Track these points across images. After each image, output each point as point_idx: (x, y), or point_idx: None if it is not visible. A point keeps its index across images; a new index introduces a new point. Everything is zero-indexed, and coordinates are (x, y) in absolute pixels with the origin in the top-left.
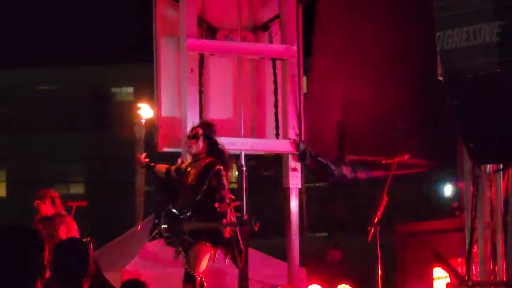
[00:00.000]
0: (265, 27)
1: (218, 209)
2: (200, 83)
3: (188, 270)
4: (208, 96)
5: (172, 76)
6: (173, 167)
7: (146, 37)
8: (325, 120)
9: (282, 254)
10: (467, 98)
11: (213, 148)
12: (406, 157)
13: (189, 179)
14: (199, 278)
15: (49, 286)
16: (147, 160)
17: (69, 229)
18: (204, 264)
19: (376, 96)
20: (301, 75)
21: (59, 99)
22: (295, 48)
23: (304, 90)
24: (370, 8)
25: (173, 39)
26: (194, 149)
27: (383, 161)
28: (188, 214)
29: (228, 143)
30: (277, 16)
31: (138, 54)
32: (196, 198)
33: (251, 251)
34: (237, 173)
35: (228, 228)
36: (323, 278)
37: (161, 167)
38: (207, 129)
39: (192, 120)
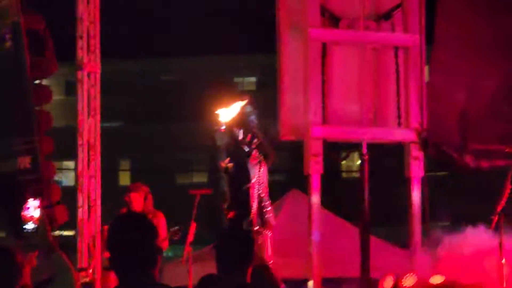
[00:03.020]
0: (387, 15)
1: None
2: (323, 73)
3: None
4: (330, 86)
5: (295, 65)
6: None
7: (269, 26)
8: (447, 108)
9: (404, 243)
10: None
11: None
12: None
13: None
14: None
15: None
16: (229, 165)
17: (158, 225)
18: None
19: (500, 84)
20: (424, 64)
21: (181, 89)
22: (418, 37)
23: (426, 78)
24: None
25: (296, 29)
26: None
27: (507, 150)
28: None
29: (350, 132)
30: (399, 5)
31: (260, 44)
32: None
33: (373, 239)
34: (359, 162)
35: None
36: None
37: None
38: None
39: (314, 110)
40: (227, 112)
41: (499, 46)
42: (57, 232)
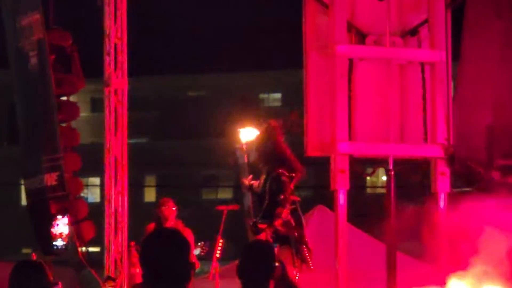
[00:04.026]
0: (414, 31)
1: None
2: (349, 89)
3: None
4: (357, 101)
5: (321, 81)
6: None
7: (296, 42)
8: (474, 124)
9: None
10: None
11: (273, 153)
12: None
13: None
14: (296, 278)
15: None
16: (252, 182)
17: None
18: (294, 264)
19: None
20: (450, 79)
21: (207, 105)
22: (444, 53)
23: (453, 94)
24: None
25: (322, 45)
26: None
27: None
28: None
29: (377, 147)
30: (426, 21)
31: (286, 60)
32: (263, 205)
33: (399, 254)
34: (385, 177)
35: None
36: None
37: (256, 183)
38: (271, 133)
39: (341, 126)
40: (249, 131)
41: None
42: (83, 248)
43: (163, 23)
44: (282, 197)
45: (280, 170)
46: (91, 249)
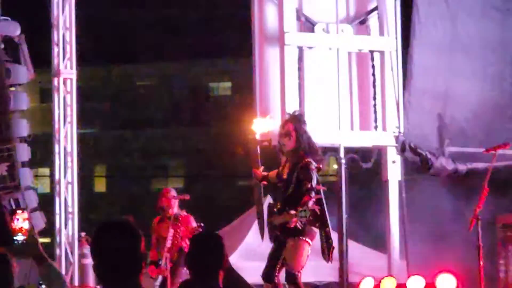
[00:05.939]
0: (363, 20)
1: (302, 201)
2: (299, 77)
3: (288, 268)
4: (306, 90)
5: (270, 70)
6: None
7: (244, 31)
8: (424, 112)
9: (382, 246)
10: None
11: (303, 142)
12: (507, 147)
13: (284, 175)
14: (299, 274)
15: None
16: (264, 173)
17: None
18: (304, 260)
19: (477, 88)
20: (400, 67)
21: (158, 94)
22: (393, 40)
23: (402, 82)
24: (470, 1)
25: (271, 33)
26: (288, 147)
27: (483, 152)
28: (279, 207)
29: (327, 136)
30: (375, 9)
31: (236, 48)
32: (287, 192)
33: (351, 243)
34: (336, 166)
35: (295, 219)
36: None
37: (273, 173)
38: (298, 123)
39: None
40: (263, 122)
41: (477, 50)
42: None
43: (110, 12)
44: (309, 186)
45: (308, 160)
46: (41, 240)
